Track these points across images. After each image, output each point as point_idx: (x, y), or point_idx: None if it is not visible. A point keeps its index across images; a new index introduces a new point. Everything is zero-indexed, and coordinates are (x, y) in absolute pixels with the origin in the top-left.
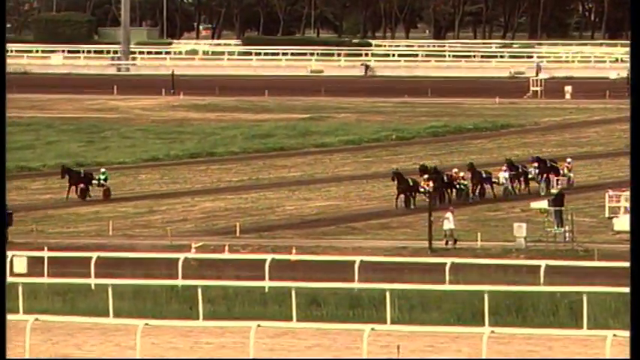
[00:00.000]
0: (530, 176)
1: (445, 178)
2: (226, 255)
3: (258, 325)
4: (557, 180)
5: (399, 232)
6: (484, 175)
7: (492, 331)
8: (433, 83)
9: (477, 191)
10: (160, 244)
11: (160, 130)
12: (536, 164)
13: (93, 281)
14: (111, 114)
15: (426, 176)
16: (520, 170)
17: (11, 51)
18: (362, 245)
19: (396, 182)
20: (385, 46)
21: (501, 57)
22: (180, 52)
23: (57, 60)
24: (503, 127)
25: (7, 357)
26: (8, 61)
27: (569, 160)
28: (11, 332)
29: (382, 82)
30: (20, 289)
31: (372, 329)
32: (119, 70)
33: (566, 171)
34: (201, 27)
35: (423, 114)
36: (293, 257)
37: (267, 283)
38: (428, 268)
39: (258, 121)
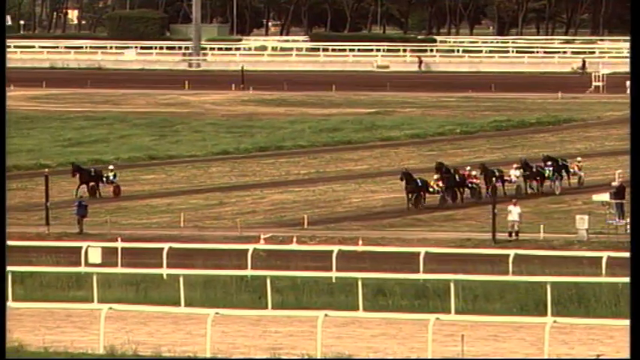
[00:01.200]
0: (546, 175)
1: (457, 177)
2: (294, 246)
3: (326, 315)
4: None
5: (463, 224)
6: (496, 174)
7: (555, 321)
8: (496, 78)
9: (489, 190)
10: (229, 236)
11: (230, 124)
12: (550, 162)
13: (165, 271)
14: (182, 108)
15: (435, 176)
16: (535, 170)
17: (86, 47)
18: (427, 237)
19: (404, 182)
20: (450, 42)
21: (564, 53)
22: (249, 48)
23: (130, 56)
24: (565, 122)
25: (60, 348)
26: (83, 56)
27: (579, 159)
28: (86, 321)
29: (446, 77)
30: (95, 278)
31: (437, 319)
32: (190, 65)
33: (576, 169)
34: (270, 24)
35: (487, 108)
36: (359, 248)
37: (334, 274)
38: (491, 260)
39: (325, 115)
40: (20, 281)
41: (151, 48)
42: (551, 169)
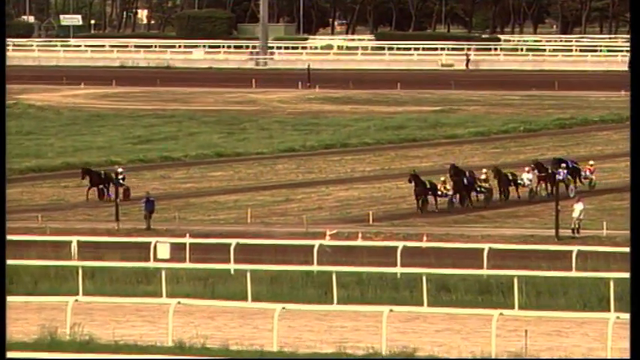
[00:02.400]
0: (559, 178)
1: (465, 180)
2: (359, 242)
3: (391, 310)
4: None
5: (527, 220)
6: (510, 177)
7: (617, 317)
8: (560, 76)
9: (503, 193)
10: (296, 232)
11: (296, 122)
12: (564, 165)
13: (232, 267)
14: (249, 106)
15: (442, 179)
16: (549, 172)
17: (155, 46)
18: (490, 233)
19: (413, 184)
20: (513, 41)
21: (627, 51)
22: (315, 47)
23: (198, 55)
24: (628, 120)
25: (130, 341)
26: (152, 55)
27: (591, 162)
28: (155, 315)
29: (513, 75)
30: (163, 274)
31: (501, 314)
32: (257, 64)
33: (588, 173)
34: (336, 23)
35: (550, 106)
36: (424, 244)
37: (398, 270)
38: (555, 256)
39: (390, 113)
40: (91, 276)
41: (218, 47)
42: (565, 171)
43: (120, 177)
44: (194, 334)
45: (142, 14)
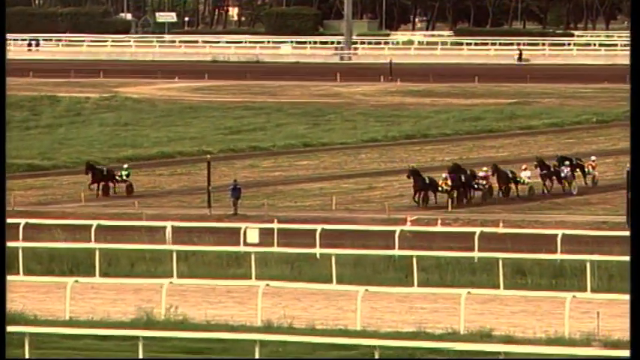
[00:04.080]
0: (562, 175)
1: (463, 177)
2: (439, 228)
3: (469, 292)
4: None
5: (599, 207)
6: (509, 175)
7: None
8: None
9: (502, 190)
10: (378, 218)
11: (379, 114)
12: (567, 162)
13: (318, 251)
14: (334, 99)
15: (444, 175)
16: (552, 169)
17: (245, 42)
18: (564, 219)
19: (412, 180)
20: (587, 36)
21: None
22: (397, 43)
23: (286, 50)
24: None
25: (221, 321)
26: (242, 50)
27: (593, 158)
28: (245, 296)
29: (586, 69)
30: (252, 257)
31: (574, 297)
32: (342, 59)
33: (590, 169)
34: (417, 19)
35: (622, 99)
36: (500, 230)
37: (476, 254)
38: (626, 241)
39: (468, 105)
40: (184, 259)
41: (305, 42)
42: (569, 169)
43: (125, 173)
44: (282, 314)
45: (233, 12)
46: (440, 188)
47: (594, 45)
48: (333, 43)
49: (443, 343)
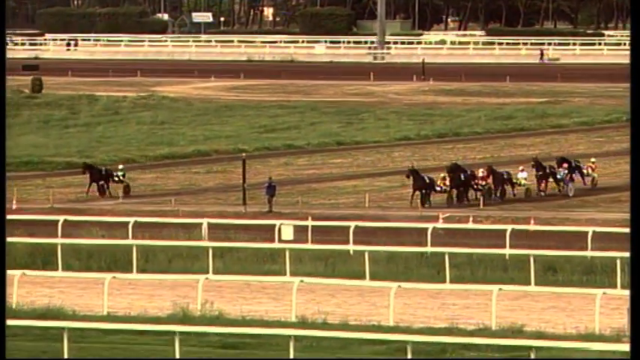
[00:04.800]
0: (558, 177)
1: (462, 177)
2: (470, 225)
3: (500, 289)
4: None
5: (629, 205)
6: (505, 176)
7: None
8: None
9: (498, 192)
10: (410, 215)
11: (411, 113)
12: (565, 165)
13: (351, 247)
14: (367, 98)
15: (442, 175)
16: (548, 170)
17: (280, 42)
18: (594, 217)
19: (411, 180)
20: (617, 36)
21: None
22: (429, 42)
23: (320, 50)
24: None
25: (256, 317)
26: (277, 50)
27: (592, 160)
28: (279, 292)
29: (616, 68)
30: (287, 254)
31: (604, 293)
32: (375, 58)
33: (589, 171)
34: (449, 19)
35: None
36: (531, 227)
37: (507, 251)
38: None
39: (500, 104)
40: (220, 255)
41: (339, 42)
42: (565, 171)
43: (120, 174)
44: (316, 310)
45: (268, 12)
46: (438, 188)
47: (624, 44)
48: (366, 42)
49: (474, 338)
